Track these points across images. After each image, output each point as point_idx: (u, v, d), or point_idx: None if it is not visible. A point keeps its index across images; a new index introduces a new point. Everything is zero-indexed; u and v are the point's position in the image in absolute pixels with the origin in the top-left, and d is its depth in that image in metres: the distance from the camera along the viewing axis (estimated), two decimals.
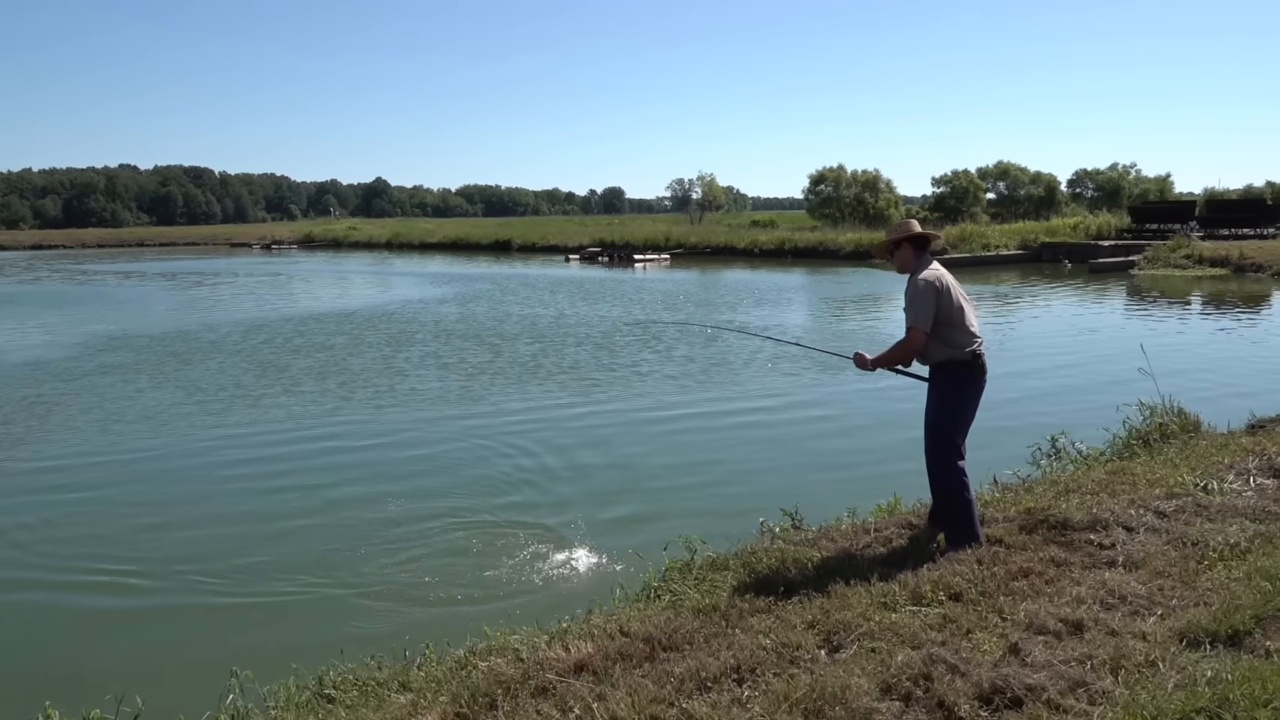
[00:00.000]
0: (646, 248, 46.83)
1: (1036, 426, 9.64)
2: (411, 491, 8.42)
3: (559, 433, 10.45)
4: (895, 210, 58.10)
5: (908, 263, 5.47)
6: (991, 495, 6.46)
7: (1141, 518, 5.49)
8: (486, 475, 8.93)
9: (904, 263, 5.50)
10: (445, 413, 11.61)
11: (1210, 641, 3.87)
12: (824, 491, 8.13)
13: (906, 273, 5.48)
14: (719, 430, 10.58)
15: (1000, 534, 5.41)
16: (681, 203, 70.36)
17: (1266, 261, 29.87)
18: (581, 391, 12.79)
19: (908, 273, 5.47)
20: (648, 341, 17.33)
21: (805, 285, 30.89)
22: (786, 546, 5.61)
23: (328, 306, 25.48)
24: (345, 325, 20.88)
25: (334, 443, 10.28)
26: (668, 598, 5.11)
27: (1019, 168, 62.58)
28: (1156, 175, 66.86)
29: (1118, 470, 6.82)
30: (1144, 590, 4.43)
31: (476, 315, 22.47)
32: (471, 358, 15.78)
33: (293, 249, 66.65)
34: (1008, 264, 36.55)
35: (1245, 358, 15.05)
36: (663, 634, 4.38)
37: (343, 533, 7.43)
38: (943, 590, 4.61)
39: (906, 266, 5.48)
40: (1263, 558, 4.73)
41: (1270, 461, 6.58)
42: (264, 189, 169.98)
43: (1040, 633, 4.04)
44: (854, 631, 4.22)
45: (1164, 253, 32.74)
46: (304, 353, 16.65)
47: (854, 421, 10.80)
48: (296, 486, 8.71)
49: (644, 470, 9.06)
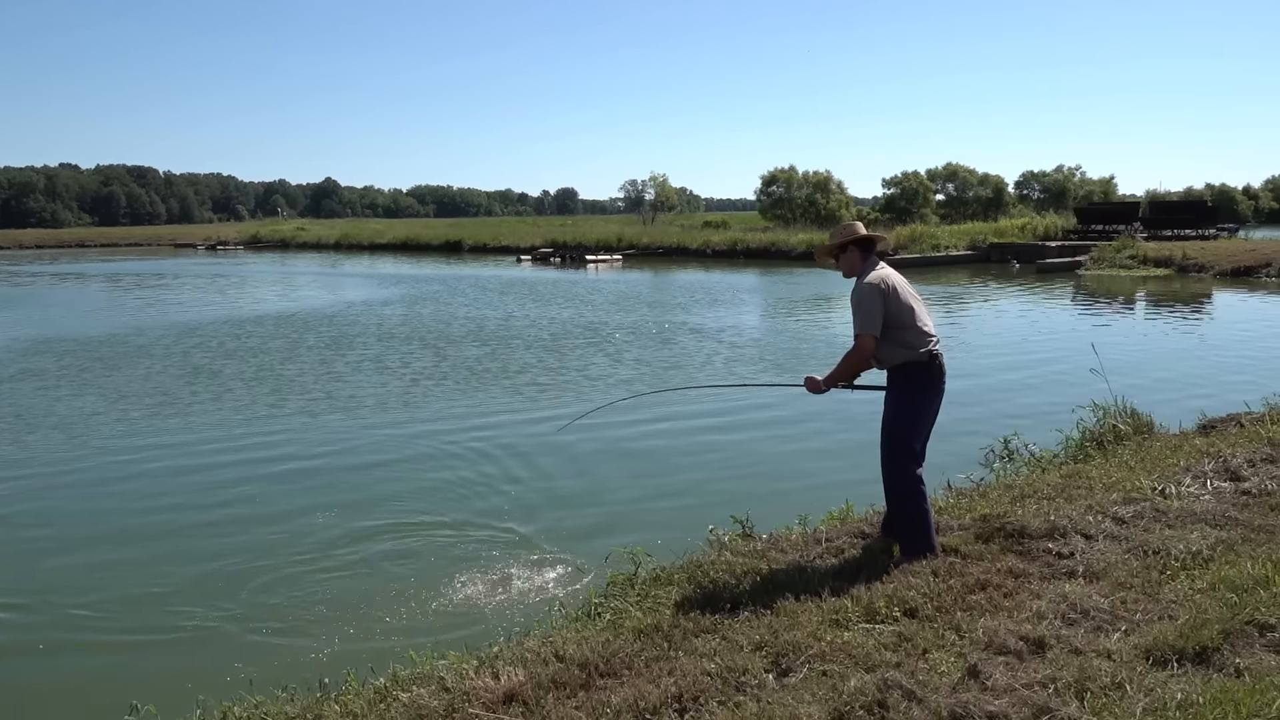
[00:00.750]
0: (599, 248, 46.51)
1: (989, 427, 9.52)
2: (340, 505, 7.94)
3: (501, 441, 10.02)
4: (846, 211, 58.37)
5: (854, 266, 5.23)
6: (946, 501, 6.26)
7: (1100, 524, 5.30)
8: (422, 487, 8.47)
9: (850, 266, 5.25)
10: (382, 421, 11.13)
11: (1178, 659, 3.66)
12: (776, 497, 7.88)
13: (853, 277, 5.24)
14: (670, 435, 10.28)
15: (956, 543, 5.19)
16: (634, 204, 70.10)
17: (1208, 261, 30.36)
18: (529, 397, 12.43)
19: (854, 277, 5.23)
20: (599, 345, 17.01)
21: (758, 286, 30.79)
22: (735, 558, 5.33)
23: (268, 309, 24.78)
24: (284, 328, 20.26)
25: (261, 454, 9.75)
26: (608, 616, 4.82)
27: (967, 169, 63.30)
28: (1101, 177, 68.16)
29: (1073, 474, 6.66)
30: (1106, 604, 4.22)
31: (422, 318, 21.94)
32: (415, 363, 15.33)
33: (239, 250, 65.35)
34: (957, 264, 36.80)
35: (1192, 356, 15.12)
36: (600, 658, 4.08)
37: (263, 552, 6.93)
38: (897, 605, 4.37)
39: (853, 270, 5.24)
40: (1226, 566, 4.55)
41: (1226, 464, 6.45)
42: (210, 189, 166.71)
43: (1001, 652, 3.80)
44: (804, 653, 3.95)
45: (1110, 253, 33.16)
46: (238, 357, 16.04)
47: (807, 424, 10.58)
48: (217, 503, 8.14)
49: (589, 479, 8.70)
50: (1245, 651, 3.72)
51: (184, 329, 20.27)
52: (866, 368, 5.21)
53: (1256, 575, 4.35)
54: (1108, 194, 64.25)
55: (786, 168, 59.71)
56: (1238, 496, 5.80)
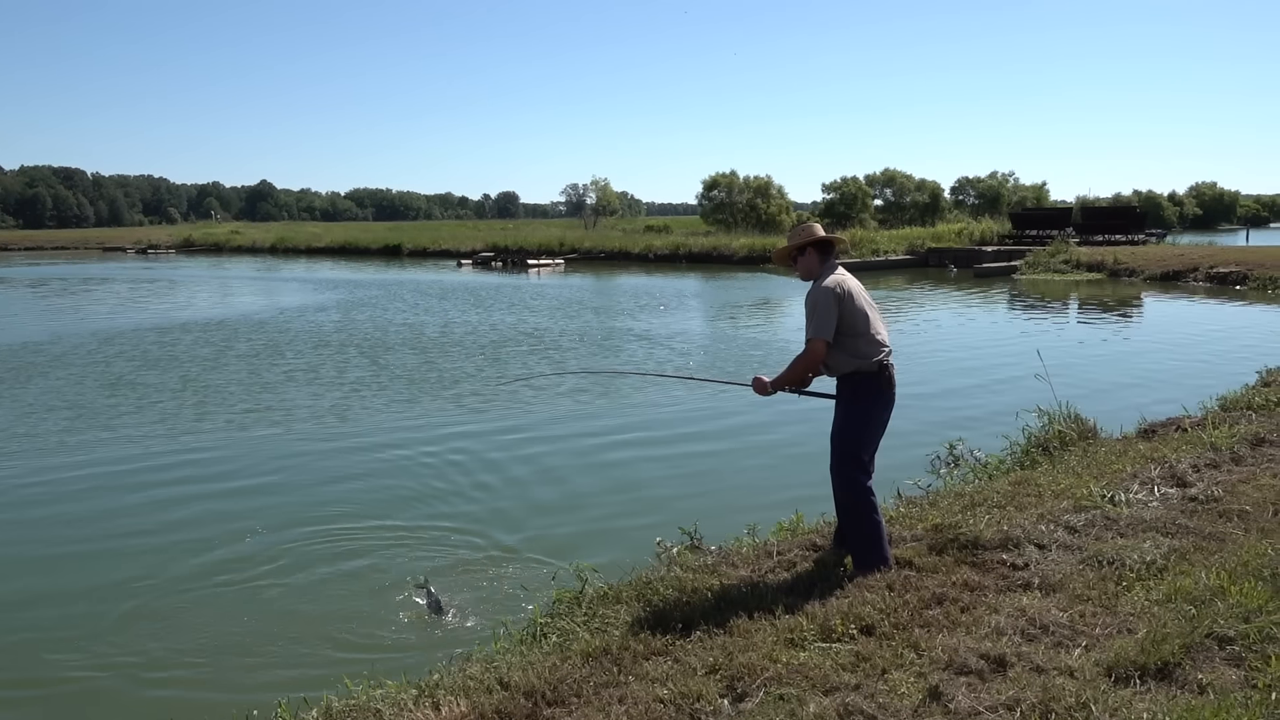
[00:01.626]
0: (541, 253, 46.14)
1: (933, 432, 9.51)
2: (267, 524, 7.51)
3: (440, 453, 9.68)
4: (787, 216, 58.71)
5: (812, 269, 5.09)
6: (897, 510, 6.16)
7: (1053, 534, 5.25)
8: (356, 504, 8.08)
9: (808, 269, 5.11)
10: (315, 433, 10.69)
11: (1140, 676, 3.58)
12: (723, 507, 7.73)
13: (810, 279, 5.09)
14: (614, 445, 10.09)
15: (910, 555, 5.09)
16: (576, 207, 69.78)
17: (1138, 266, 31.10)
18: (471, 408, 12.14)
19: (811, 279, 5.09)
20: (542, 352, 16.75)
21: (701, 290, 30.74)
22: (685, 574, 5.17)
23: (199, 314, 23.97)
24: (214, 335, 19.59)
25: (185, 471, 9.19)
26: (555, 638, 4.61)
27: (905, 175, 64.16)
28: (1033, 183, 69.69)
29: (1022, 481, 6.62)
30: (1065, 618, 4.14)
31: (358, 324, 21.37)
32: (350, 372, 14.89)
33: (171, 253, 63.60)
34: (896, 269, 37.22)
35: (1126, 359, 15.37)
36: (547, 685, 3.89)
37: (183, 577, 6.51)
38: (853, 623, 4.24)
39: (810, 273, 5.09)
40: (1181, 576, 4.51)
41: (1172, 469, 6.47)
42: (141, 191, 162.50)
43: (962, 672, 3.69)
44: (760, 676, 3.80)
45: (1044, 258, 33.80)
46: (162, 366, 15.37)
47: (754, 431, 10.47)
48: (129, 527, 7.57)
49: (531, 493, 8.42)
50: (1206, 666, 3.65)
51: (106, 336, 19.49)
52: (816, 373, 5.08)
53: (1212, 586, 4.31)
54: (1040, 199, 65.68)
55: (728, 172, 59.89)
56: (1185, 503, 5.80)
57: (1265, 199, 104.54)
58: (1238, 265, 28.51)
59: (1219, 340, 17.25)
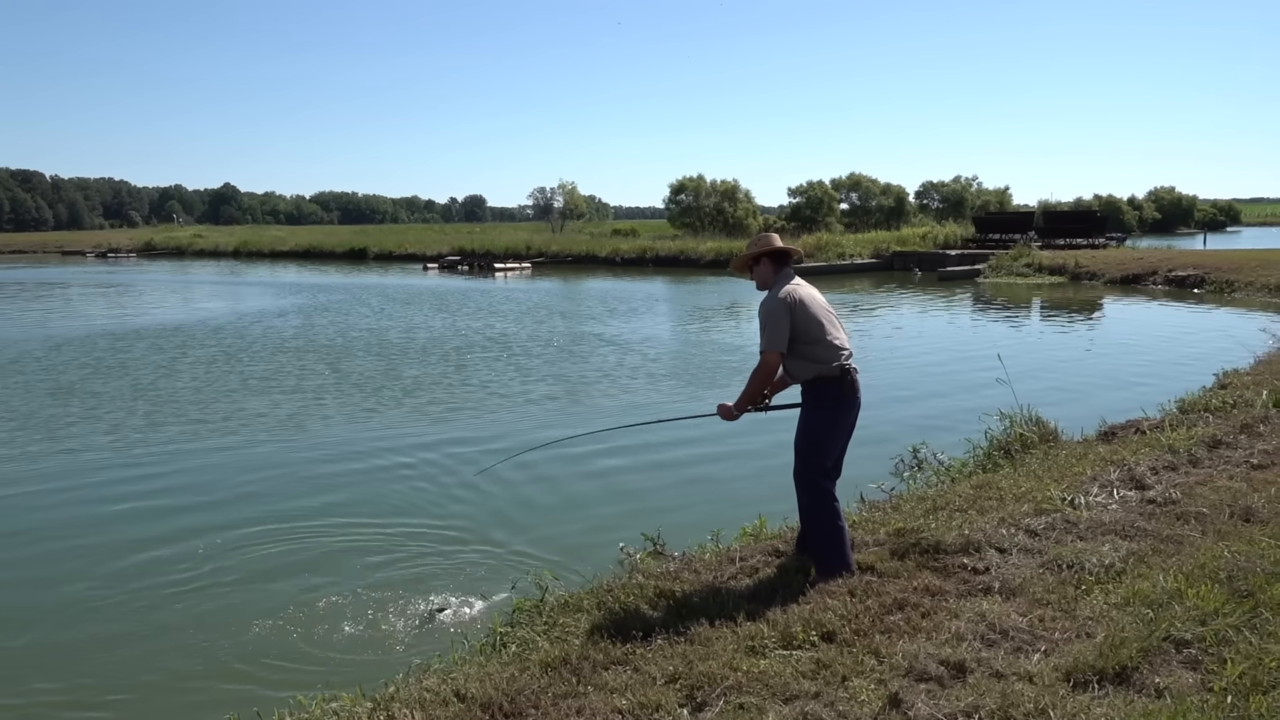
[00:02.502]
0: (507, 256, 45.98)
1: (898, 435, 9.53)
2: (216, 536, 7.33)
3: (399, 462, 9.55)
4: (754, 219, 59.02)
5: (766, 278, 5.09)
6: (859, 515, 6.16)
7: (1013, 538, 5.25)
8: (309, 514, 7.91)
9: (763, 278, 5.11)
10: (266, 441, 10.49)
11: (1098, 680, 3.58)
12: (688, 512, 7.71)
13: (765, 289, 5.09)
14: (576, 453, 9.98)
15: (872, 560, 5.08)
16: (543, 211, 69.66)
17: (1099, 269, 31.50)
18: (437, 416, 12.02)
19: (765, 289, 5.09)
20: (508, 359, 16.62)
21: (668, 294, 30.74)
22: (646, 581, 5.12)
23: (156, 320, 23.50)
24: (171, 341, 19.14)
25: (131, 486, 8.94)
26: (514, 648, 4.55)
27: (870, 179, 64.67)
28: (996, 187, 70.53)
29: (984, 484, 6.64)
30: (1024, 622, 4.14)
31: (319, 329, 21.07)
32: (311, 379, 14.65)
33: (132, 257, 62.73)
34: (861, 272, 37.44)
35: (1088, 362, 15.54)
36: (505, 697, 3.82)
37: (132, 592, 6.35)
38: (814, 629, 4.21)
39: (765, 282, 5.09)
40: (1138, 579, 4.53)
41: (1130, 472, 6.51)
42: (101, 194, 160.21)
43: (921, 679, 3.67)
44: (720, 685, 3.76)
45: (1007, 261, 34.16)
46: (115, 374, 14.98)
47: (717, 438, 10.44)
48: (70, 544, 7.35)
49: (491, 500, 8.32)
50: (1163, 670, 3.66)
51: (58, 342, 19.06)
52: (774, 384, 5.08)
53: (1169, 589, 4.33)
54: (1003, 204, 66.42)
55: (695, 176, 60.09)
56: (1144, 505, 5.83)
57: (1222, 203, 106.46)
58: (1195, 268, 28.95)
59: (1178, 343, 17.48)
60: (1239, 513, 5.53)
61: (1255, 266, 27.72)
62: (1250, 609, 4.10)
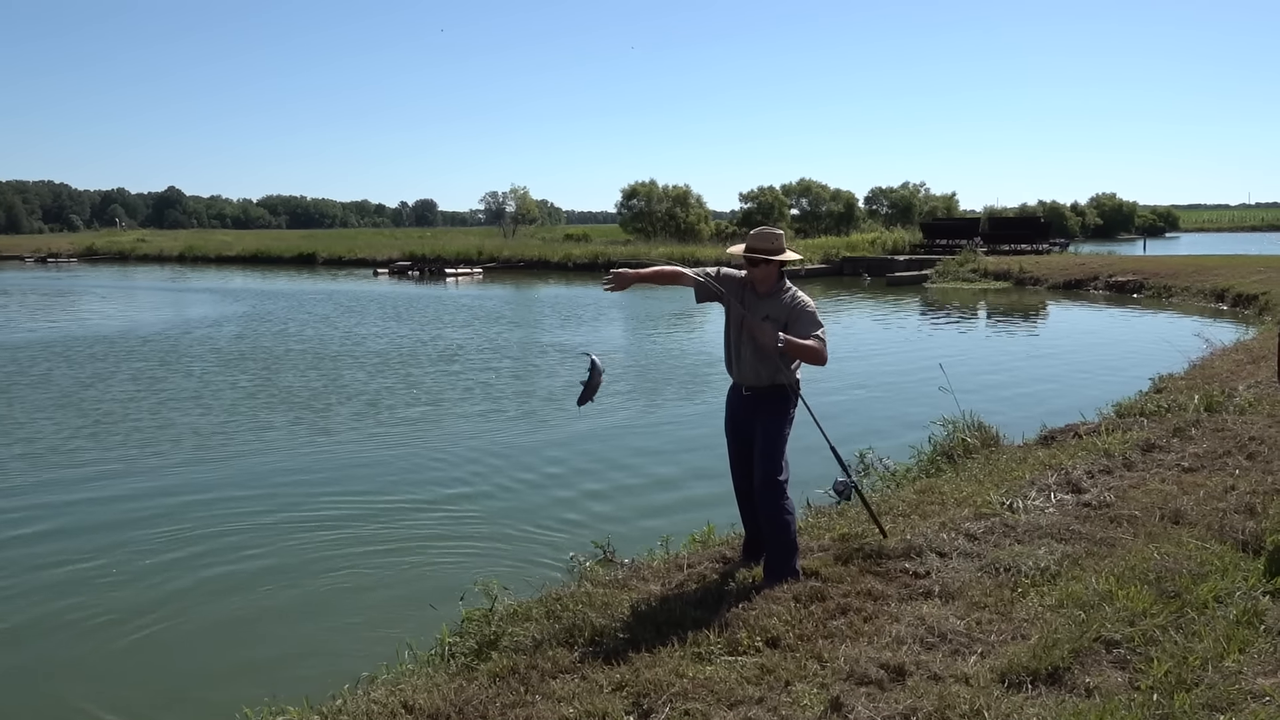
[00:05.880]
0: (459, 261, 45.76)
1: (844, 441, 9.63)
2: (152, 548, 7.21)
3: (340, 474, 9.43)
4: (705, 225, 59.30)
5: (771, 279, 5.16)
6: (805, 521, 6.25)
7: (953, 541, 5.38)
8: (250, 525, 7.79)
9: (768, 277, 5.16)
10: (198, 456, 10.20)
11: (1031, 681, 3.70)
12: (638, 519, 7.77)
13: (766, 287, 5.13)
14: (526, 462, 9.98)
15: (817, 565, 5.17)
16: (495, 216, 69.40)
17: (1043, 275, 32.20)
18: (381, 426, 11.94)
19: (767, 287, 5.13)
20: (458, 375, 16.54)
21: (620, 301, 30.77)
22: (595, 589, 5.16)
23: (87, 329, 22.49)
24: (97, 348, 18.52)
25: (50, 497, 8.74)
26: (462, 658, 4.57)
27: (820, 185, 65.39)
28: (944, 194, 71.60)
29: (927, 489, 6.78)
30: (962, 625, 4.25)
31: (261, 336, 20.62)
32: (251, 392, 14.48)
33: (72, 262, 61.30)
34: (812, 277, 37.75)
35: (1031, 366, 15.88)
36: (452, 707, 3.84)
37: (65, 605, 6.23)
38: (759, 635, 4.28)
39: (768, 280, 5.16)
40: (1072, 582, 4.67)
41: (1067, 476, 6.69)
42: (41, 197, 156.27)
43: (862, 683, 3.76)
44: (666, 692, 3.81)
45: (953, 267, 34.80)
46: (41, 387, 14.37)
47: (667, 448, 10.52)
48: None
49: (437, 506, 8.32)
50: (1094, 670, 3.79)
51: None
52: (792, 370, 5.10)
53: (1101, 590, 4.47)
54: (950, 210, 67.52)
55: (647, 181, 60.29)
56: (1079, 509, 6.00)
57: (1161, 209, 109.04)
58: (1135, 274, 29.71)
59: (1117, 347, 17.94)
60: (1169, 515, 5.71)
61: (1191, 272, 28.52)
62: (1177, 609, 4.25)
